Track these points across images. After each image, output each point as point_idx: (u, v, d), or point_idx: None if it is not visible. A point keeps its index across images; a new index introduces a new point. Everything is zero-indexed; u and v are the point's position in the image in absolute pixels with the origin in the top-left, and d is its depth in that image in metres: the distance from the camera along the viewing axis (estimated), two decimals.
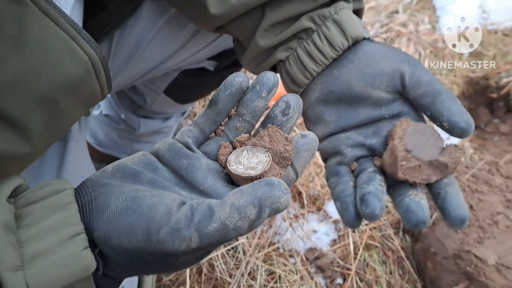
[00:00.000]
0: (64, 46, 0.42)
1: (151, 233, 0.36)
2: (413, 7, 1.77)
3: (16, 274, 0.33)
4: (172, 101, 1.04)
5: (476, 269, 0.96)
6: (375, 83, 0.56)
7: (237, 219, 0.37)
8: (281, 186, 0.38)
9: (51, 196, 0.38)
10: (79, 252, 0.35)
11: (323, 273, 1.16)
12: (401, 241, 1.20)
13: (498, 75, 1.57)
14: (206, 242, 0.37)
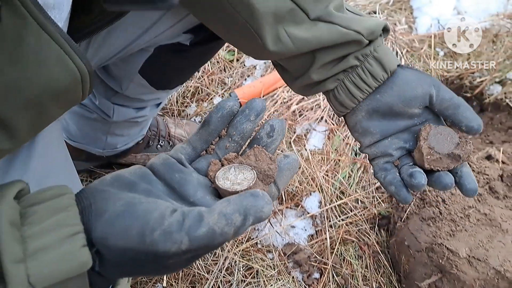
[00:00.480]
0: (57, 59, 0.46)
1: (145, 234, 0.40)
2: (390, 8, 1.80)
3: (18, 266, 0.36)
4: (146, 84, 1.04)
5: (448, 261, 0.98)
6: (411, 103, 0.71)
7: (224, 225, 0.40)
8: (264, 197, 0.42)
9: (53, 198, 0.41)
10: (77, 250, 0.38)
11: (300, 268, 1.17)
12: (376, 236, 1.22)
13: (472, 75, 1.60)
14: (195, 245, 0.40)
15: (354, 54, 0.70)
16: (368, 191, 1.30)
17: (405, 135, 0.73)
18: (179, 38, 0.93)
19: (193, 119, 1.51)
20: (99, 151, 1.21)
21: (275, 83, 1.54)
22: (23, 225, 0.39)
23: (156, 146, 1.32)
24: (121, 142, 1.21)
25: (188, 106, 1.52)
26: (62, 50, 0.46)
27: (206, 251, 0.43)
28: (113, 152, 1.23)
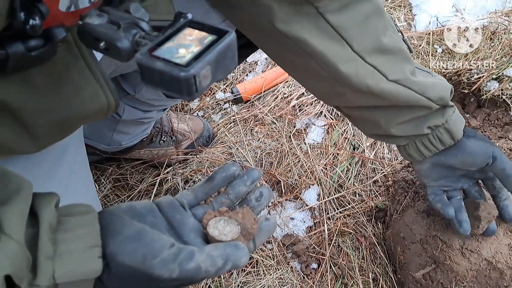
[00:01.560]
0: (92, 93, 0.57)
1: (147, 258, 0.49)
2: (389, 5, 1.82)
3: (48, 262, 0.44)
4: (159, 92, 1.08)
5: (442, 252, 1.01)
6: (470, 167, 0.92)
7: (209, 265, 0.49)
8: (244, 250, 0.52)
9: (81, 215, 0.50)
10: (94, 259, 0.47)
11: (299, 258, 1.21)
12: (373, 228, 1.25)
13: (469, 71, 1.63)
14: (182, 275, 0.49)
15: (428, 124, 0.86)
16: (366, 185, 1.33)
17: (462, 178, 0.96)
18: None
19: (195, 113, 1.54)
20: (104, 147, 1.25)
21: (276, 79, 1.57)
22: (58, 231, 0.47)
23: (159, 141, 1.36)
24: (126, 139, 1.25)
25: (191, 101, 1.55)
26: (99, 86, 0.56)
27: (190, 282, 0.52)
28: (117, 148, 1.26)
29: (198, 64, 0.40)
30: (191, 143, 1.41)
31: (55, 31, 0.47)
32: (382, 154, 1.41)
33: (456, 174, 0.94)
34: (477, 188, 0.98)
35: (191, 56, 0.41)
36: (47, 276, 0.44)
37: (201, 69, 0.40)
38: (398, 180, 1.20)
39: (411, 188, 1.15)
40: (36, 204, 0.47)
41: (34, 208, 0.47)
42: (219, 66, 0.43)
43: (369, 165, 1.37)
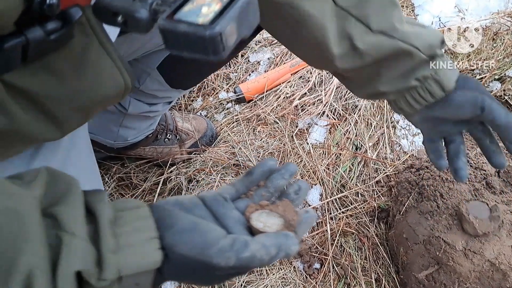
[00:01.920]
0: (110, 73, 0.57)
1: (205, 248, 0.50)
2: None
3: (112, 256, 0.45)
4: (162, 81, 1.10)
5: (445, 254, 1.02)
6: (460, 118, 0.87)
7: (263, 253, 0.51)
8: (294, 239, 0.54)
9: (135, 208, 0.51)
10: (154, 250, 0.49)
11: (302, 258, 1.21)
12: (376, 228, 1.26)
13: (471, 72, 1.63)
14: (238, 263, 0.50)
15: (416, 76, 0.81)
16: (368, 185, 1.34)
17: (459, 124, 0.89)
18: None
19: (199, 113, 1.54)
20: (111, 143, 1.25)
21: (278, 78, 1.57)
22: (115, 225, 0.48)
23: (164, 139, 1.36)
24: (132, 135, 1.26)
25: (195, 100, 1.55)
26: (115, 65, 0.56)
27: (244, 270, 0.55)
28: (123, 144, 1.27)
29: (222, 21, 0.39)
30: (195, 142, 1.41)
31: (71, 11, 0.47)
32: (384, 154, 1.42)
33: (451, 122, 0.89)
34: (480, 128, 0.90)
35: (214, 14, 0.40)
36: (113, 269, 0.45)
37: (226, 26, 0.39)
38: (401, 181, 1.20)
39: (414, 189, 1.16)
40: (89, 201, 0.48)
41: (88, 204, 0.48)
42: (243, 22, 0.42)
43: (371, 165, 1.38)
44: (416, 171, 1.20)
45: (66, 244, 0.42)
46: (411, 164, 1.26)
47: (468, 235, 1.02)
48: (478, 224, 0.99)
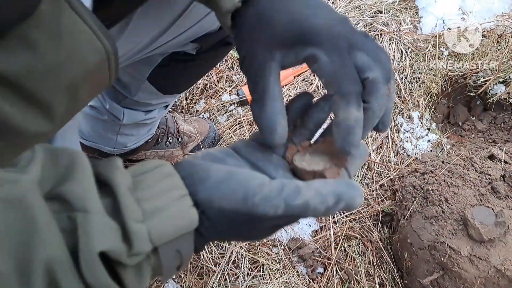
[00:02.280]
0: (87, 38, 0.48)
1: (248, 197, 0.43)
2: (395, 8, 1.81)
3: (140, 225, 0.39)
4: (154, 90, 1.07)
5: (450, 259, 1.01)
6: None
7: (318, 202, 0.43)
8: (359, 189, 0.44)
9: (156, 168, 0.45)
10: (187, 209, 0.42)
11: (305, 262, 1.20)
12: (379, 233, 1.25)
13: (476, 74, 1.62)
14: (289, 212, 0.42)
15: None
16: (372, 189, 1.33)
17: None
18: (186, 47, 0.95)
19: (201, 115, 1.53)
20: (110, 150, 1.24)
21: (281, 81, 1.56)
22: (137, 191, 0.42)
23: (165, 143, 1.35)
24: (131, 141, 1.25)
25: (197, 102, 1.54)
26: (90, 29, 0.48)
27: (294, 220, 0.46)
28: (123, 150, 1.26)
29: None
30: (197, 145, 1.40)
31: None
32: (388, 157, 1.41)
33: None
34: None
35: None
36: (144, 241, 0.39)
37: None
38: (405, 185, 1.20)
39: (418, 193, 1.15)
40: (102, 172, 0.42)
41: (100, 176, 0.42)
42: None
43: (375, 169, 1.37)
44: (421, 175, 1.19)
45: (81, 224, 0.37)
46: (415, 168, 1.25)
47: (474, 241, 1.01)
48: (483, 230, 0.99)
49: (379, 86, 0.50)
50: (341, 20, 0.52)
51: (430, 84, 1.62)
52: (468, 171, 1.15)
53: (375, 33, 1.71)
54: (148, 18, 0.81)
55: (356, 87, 0.49)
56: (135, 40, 0.84)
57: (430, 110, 1.59)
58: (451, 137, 1.56)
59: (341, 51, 0.49)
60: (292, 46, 0.51)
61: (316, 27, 0.50)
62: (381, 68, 0.50)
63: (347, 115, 0.48)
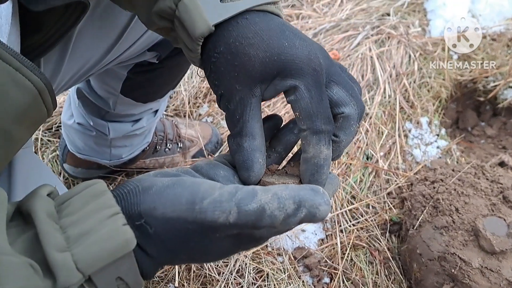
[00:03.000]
0: (9, 78, 0.43)
1: (195, 202, 0.39)
2: (404, 10, 1.78)
3: (64, 255, 0.35)
4: (132, 101, 1.04)
5: (460, 271, 0.98)
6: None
7: (275, 208, 0.39)
8: (324, 196, 0.41)
9: (86, 189, 0.41)
10: (119, 227, 0.38)
11: (311, 272, 1.17)
12: (387, 242, 1.22)
13: (485, 79, 1.59)
14: (242, 219, 0.39)
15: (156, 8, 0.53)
16: (380, 196, 1.30)
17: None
18: (144, 57, 0.92)
19: (204, 119, 1.50)
20: (106, 162, 1.22)
21: None
22: (61, 218, 0.38)
23: (164, 149, 1.32)
24: (126, 152, 1.22)
25: (200, 106, 1.52)
26: (11, 67, 0.43)
27: (250, 231, 0.41)
28: (119, 162, 1.23)
29: None
30: (200, 150, 1.38)
31: None
32: (396, 164, 1.38)
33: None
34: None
35: None
36: (69, 271, 0.35)
37: None
38: (414, 194, 1.17)
39: (428, 202, 1.12)
40: (24, 204, 0.38)
41: (24, 209, 0.38)
42: None
43: (383, 176, 1.34)
44: (431, 184, 1.16)
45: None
46: (425, 176, 1.22)
47: (485, 252, 0.98)
48: (495, 241, 0.96)
49: (351, 123, 0.49)
50: (320, 50, 0.49)
51: (439, 89, 1.58)
52: (479, 180, 1.12)
53: (383, 36, 1.68)
54: (91, 35, 0.78)
55: (328, 126, 0.47)
56: (82, 58, 0.80)
57: (439, 115, 1.56)
58: (460, 143, 1.53)
59: (320, 85, 0.47)
60: (272, 80, 0.48)
61: (296, 59, 0.47)
62: (356, 105, 0.49)
63: (317, 153, 0.47)
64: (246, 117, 0.49)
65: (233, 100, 0.49)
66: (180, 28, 0.50)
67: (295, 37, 0.49)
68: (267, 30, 0.48)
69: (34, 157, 0.72)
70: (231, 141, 0.50)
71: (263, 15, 0.50)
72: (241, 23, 0.48)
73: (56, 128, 1.44)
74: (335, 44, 1.66)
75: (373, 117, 1.46)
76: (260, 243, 0.44)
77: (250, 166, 0.48)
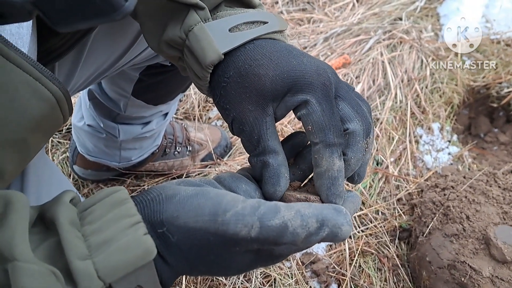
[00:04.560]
0: (28, 88, 0.44)
1: (218, 214, 0.39)
2: (416, 14, 1.77)
3: (85, 263, 0.36)
4: (143, 103, 1.05)
5: (470, 280, 0.96)
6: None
7: (298, 225, 0.39)
8: (347, 216, 0.41)
9: (108, 196, 0.41)
10: (140, 237, 0.38)
11: (318, 277, 1.16)
12: (396, 249, 1.20)
13: (499, 85, 1.57)
14: (264, 235, 0.39)
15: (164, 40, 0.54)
16: (389, 203, 1.28)
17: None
18: (157, 59, 0.93)
19: (214, 123, 1.50)
20: (116, 165, 1.22)
21: None
22: (83, 226, 0.39)
23: (173, 152, 1.32)
24: (135, 154, 1.23)
25: (210, 110, 1.51)
26: (31, 77, 0.44)
27: (271, 247, 0.41)
28: (128, 164, 1.24)
29: None
30: (209, 153, 1.37)
31: None
32: (406, 170, 1.36)
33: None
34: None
35: None
36: (91, 279, 0.35)
37: None
38: (425, 201, 1.15)
39: (438, 209, 1.10)
40: (47, 210, 0.39)
41: (46, 215, 0.39)
42: None
43: (393, 182, 1.32)
44: (441, 191, 1.15)
45: (12, 276, 0.33)
46: (435, 183, 1.20)
47: (496, 261, 0.97)
48: (506, 250, 0.94)
49: (357, 139, 0.48)
50: (328, 67, 0.50)
51: (451, 94, 1.56)
52: (491, 187, 1.10)
53: (395, 41, 1.67)
54: (106, 39, 0.79)
55: (340, 139, 0.48)
56: (96, 62, 0.81)
57: (451, 121, 1.54)
58: (473, 150, 1.51)
59: (330, 99, 0.48)
60: (283, 98, 0.49)
61: (306, 75, 0.48)
62: (361, 121, 0.49)
63: (331, 166, 0.47)
64: (266, 136, 0.49)
65: (247, 121, 0.49)
66: (189, 57, 0.52)
67: (302, 56, 0.50)
68: (275, 51, 0.50)
69: (46, 158, 0.73)
70: (254, 160, 0.50)
71: (270, 40, 0.51)
72: (249, 48, 0.50)
73: (66, 130, 1.44)
74: (347, 49, 1.65)
75: (384, 122, 1.44)
76: (279, 260, 0.45)
77: (277, 181, 0.49)
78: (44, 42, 0.61)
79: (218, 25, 0.51)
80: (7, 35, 0.45)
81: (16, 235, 0.35)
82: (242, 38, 0.50)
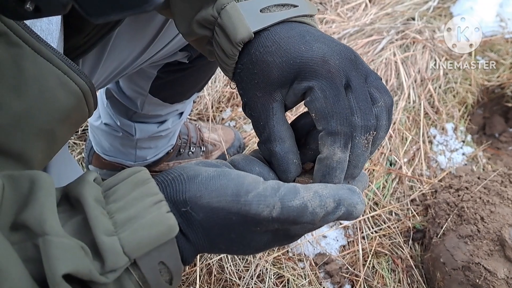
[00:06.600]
0: (57, 81, 0.47)
1: (240, 194, 0.41)
2: (429, 14, 1.76)
3: (112, 239, 0.37)
4: (160, 102, 1.07)
5: (485, 281, 0.96)
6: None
7: (317, 205, 0.41)
8: (360, 195, 0.44)
9: (130, 176, 0.43)
10: (163, 215, 0.39)
11: (332, 278, 1.16)
12: (410, 250, 1.20)
13: None
14: (285, 214, 0.41)
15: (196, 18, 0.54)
16: (403, 203, 1.28)
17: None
18: (176, 57, 0.94)
19: (227, 123, 1.51)
20: (131, 164, 1.24)
21: None
22: (108, 204, 0.40)
23: (187, 153, 1.33)
24: (151, 154, 1.24)
25: (223, 111, 1.52)
26: (60, 71, 0.47)
27: (291, 226, 0.43)
28: (143, 163, 1.25)
29: None
30: (222, 153, 1.38)
31: None
32: (420, 171, 1.36)
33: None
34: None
35: None
36: (117, 254, 0.37)
37: None
38: (439, 201, 1.15)
39: (452, 210, 1.10)
40: (72, 190, 0.41)
41: (71, 194, 0.40)
42: None
43: (406, 183, 1.32)
44: (455, 192, 1.14)
45: (43, 249, 0.34)
46: (449, 184, 1.20)
47: (511, 263, 0.96)
48: None
49: (354, 135, 0.47)
50: (341, 52, 0.49)
51: (465, 94, 1.56)
52: (506, 188, 1.09)
53: (408, 41, 1.66)
54: (128, 37, 0.80)
55: (344, 128, 0.47)
56: (118, 59, 0.83)
57: (465, 121, 1.53)
58: (487, 150, 1.49)
59: (336, 86, 0.47)
60: (290, 85, 0.49)
61: (310, 62, 0.48)
62: (361, 117, 0.47)
63: (330, 155, 0.47)
64: (272, 123, 0.50)
65: (255, 107, 0.51)
66: (220, 35, 0.52)
67: (314, 41, 0.49)
68: (286, 37, 0.50)
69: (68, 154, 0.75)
70: (263, 147, 0.51)
71: (287, 25, 0.51)
72: (263, 34, 0.51)
73: (82, 131, 1.46)
74: (359, 49, 1.65)
75: (397, 122, 1.44)
76: (294, 239, 0.46)
77: (286, 168, 0.50)
78: (70, 39, 0.63)
79: (250, 5, 0.51)
80: (38, 31, 0.47)
81: (45, 209, 0.37)
82: (272, 19, 0.51)
